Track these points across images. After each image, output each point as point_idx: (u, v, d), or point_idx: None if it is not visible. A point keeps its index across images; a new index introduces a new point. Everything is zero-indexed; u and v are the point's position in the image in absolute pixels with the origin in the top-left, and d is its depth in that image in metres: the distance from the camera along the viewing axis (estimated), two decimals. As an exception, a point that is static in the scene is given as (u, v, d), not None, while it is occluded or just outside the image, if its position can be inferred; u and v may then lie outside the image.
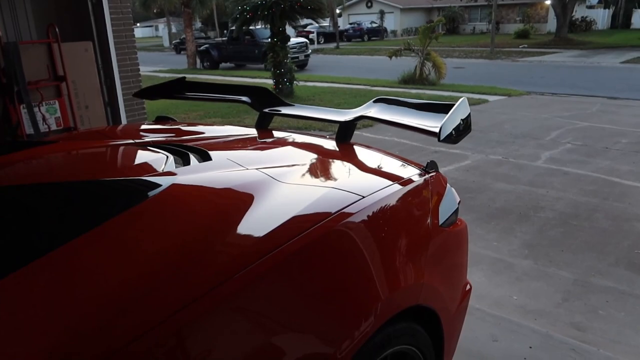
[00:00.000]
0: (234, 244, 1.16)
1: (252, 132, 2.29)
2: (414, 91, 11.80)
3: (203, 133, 2.29)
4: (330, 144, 2.09)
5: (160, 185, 1.33)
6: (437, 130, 1.59)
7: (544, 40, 28.83)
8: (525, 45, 26.72)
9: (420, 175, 1.69)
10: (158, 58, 27.32)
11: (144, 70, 18.21)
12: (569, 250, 3.53)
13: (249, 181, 1.48)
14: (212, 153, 1.70)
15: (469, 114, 1.74)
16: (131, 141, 2.06)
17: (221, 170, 1.55)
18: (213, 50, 21.02)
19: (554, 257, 3.43)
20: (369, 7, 43.25)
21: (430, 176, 1.71)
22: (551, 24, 33.52)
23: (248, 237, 1.18)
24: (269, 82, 11.77)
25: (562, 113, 9.02)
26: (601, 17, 37.73)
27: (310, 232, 1.20)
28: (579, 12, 34.15)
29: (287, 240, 1.15)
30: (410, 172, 1.70)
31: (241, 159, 1.70)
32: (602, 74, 15.46)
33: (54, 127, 4.72)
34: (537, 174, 5.40)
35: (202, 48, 21.55)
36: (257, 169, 1.57)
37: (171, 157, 1.61)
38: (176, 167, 1.53)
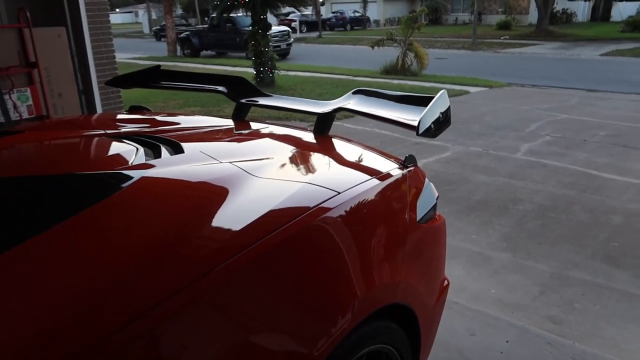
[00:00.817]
0: (201, 241, 1.11)
1: (229, 123, 2.23)
2: (395, 82, 11.78)
3: (177, 124, 2.22)
4: (307, 136, 2.05)
5: (128, 179, 1.28)
6: (415, 123, 1.55)
7: (525, 32, 29.04)
8: (507, 37, 26.89)
9: (399, 169, 1.65)
10: (138, 45, 26.81)
11: (123, 57, 17.91)
12: (546, 243, 3.56)
13: (221, 175, 1.43)
14: (184, 145, 1.64)
15: (449, 107, 1.70)
16: (101, 132, 1.99)
17: (193, 164, 1.50)
18: (194, 37, 20.70)
19: (532, 249, 3.45)
20: (352, -4, 42.97)
21: (409, 171, 1.67)
22: (532, 16, 33.76)
23: (217, 235, 1.13)
24: (249, 70, 11.63)
25: (542, 105, 9.10)
26: (581, 9, 38.11)
27: (284, 229, 1.16)
28: (560, 4, 34.45)
29: (259, 238, 1.11)
30: (388, 167, 1.66)
31: (215, 152, 1.65)
32: (582, 66, 15.64)
33: (25, 115, 4.57)
34: (517, 166, 5.43)
35: (182, 35, 21.20)
36: (230, 162, 1.52)
37: (142, 150, 1.55)
38: (146, 160, 1.47)
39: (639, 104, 9.31)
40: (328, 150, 1.87)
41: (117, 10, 53.68)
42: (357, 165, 1.72)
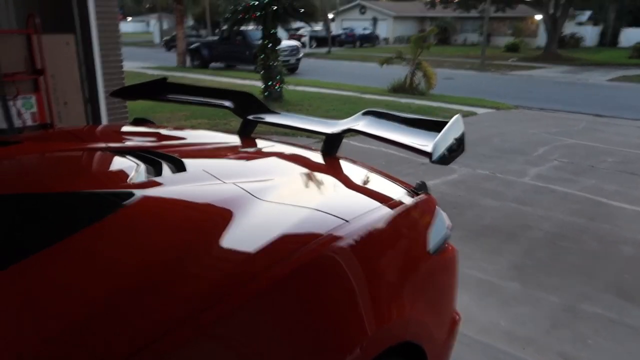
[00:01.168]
0: (197, 271, 1.02)
1: (234, 139, 2.16)
2: (403, 100, 11.74)
3: (180, 139, 2.15)
4: (315, 157, 1.97)
5: (126, 198, 1.21)
6: (429, 149, 1.47)
7: (533, 54, 29.12)
8: (515, 59, 26.94)
9: (410, 197, 1.57)
10: (147, 54, 26.99)
11: (133, 66, 18.00)
12: (557, 274, 3.44)
13: (223, 197, 1.36)
14: (187, 163, 1.57)
15: (463, 132, 1.62)
16: (102, 145, 1.92)
17: (195, 184, 1.42)
18: (204, 49, 20.80)
19: (542, 280, 3.33)
20: (362, 14, 43.37)
21: (420, 198, 1.59)
22: (541, 39, 33.89)
23: (212, 268, 1.05)
24: (258, 84, 11.63)
25: (550, 129, 9.02)
26: (590, 34, 38.25)
27: (287, 262, 1.07)
28: (568, 28, 34.59)
29: (258, 272, 1.03)
30: (399, 194, 1.57)
31: (218, 171, 1.57)
32: (589, 91, 15.59)
33: (29, 122, 4.52)
34: (524, 190, 5.33)
35: (192, 46, 21.31)
36: (234, 183, 1.44)
37: (142, 167, 1.48)
38: (146, 179, 1.40)
39: (647, 132, 9.23)
40: (336, 172, 1.79)
41: (129, 19, 54.23)
42: (366, 191, 1.64)
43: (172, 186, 1.39)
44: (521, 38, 34.58)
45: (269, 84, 10.80)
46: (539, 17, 31.86)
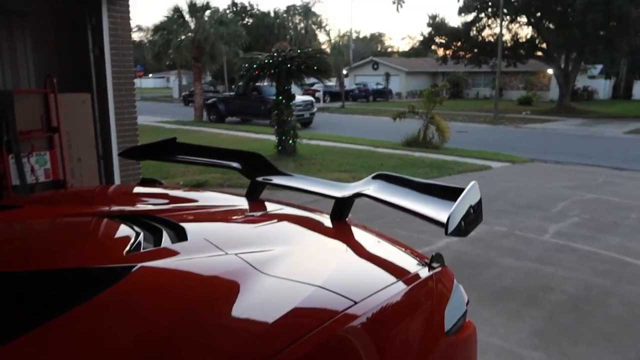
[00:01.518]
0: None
1: (241, 202, 2.10)
2: (417, 154, 11.73)
3: (186, 201, 2.10)
4: (324, 221, 1.90)
5: (121, 274, 1.14)
6: (444, 219, 1.38)
7: (546, 108, 29.26)
8: (528, 112, 27.08)
9: (425, 269, 1.46)
10: (166, 109, 27.74)
11: (151, 120, 18.45)
12: (583, 341, 3.23)
13: (223, 271, 1.29)
14: (189, 230, 1.50)
15: (480, 200, 1.52)
16: (104, 208, 1.88)
17: (195, 255, 1.35)
18: (220, 104, 21.33)
19: (567, 349, 3.12)
20: (375, 69, 44.42)
21: (436, 272, 1.48)
22: (553, 92, 34.17)
23: (205, 349, 0.96)
24: (272, 138, 11.75)
25: (567, 183, 8.86)
26: (602, 87, 38.55)
27: (286, 352, 0.97)
28: (580, 81, 34.91)
29: None
30: (413, 267, 1.47)
31: (221, 240, 1.49)
32: (606, 144, 15.47)
33: (42, 178, 4.55)
34: (545, 249, 5.14)
35: (209, 101, 21.89)
36: (236, 254, 1.36)
37: (141, 235, 1.41)
38: (144, 249, 1.33)
39: (669, 186, 9.01)
40: (345, 240, 1.70)
41: (150, 75, 56.28)
42: (378, 263, 1.54)
43: (171, 258, 1.32)
44: (534, 91, 34.96)
45: (283, 138, 10.90)
46: (550, 71, 32.26)
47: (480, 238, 5.39)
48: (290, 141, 10.90)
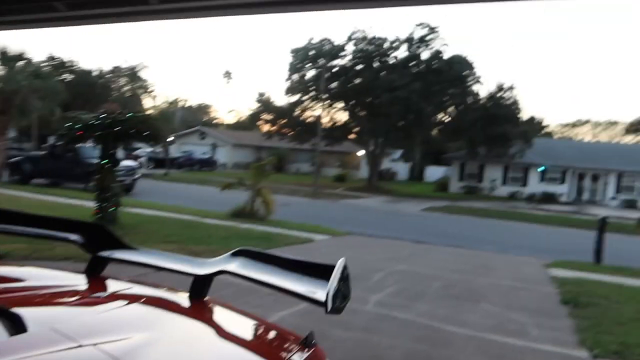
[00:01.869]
0: None
1: (80, 280, 1.85)
2: (244, 226, 11.79)
3: (9, 281, 1.77)
4: (182, 301, 1.77)
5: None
6: (322, 298, 1.41)
7: (358, 185, 32.44)
8: (343, 189, 29.64)
9: (299, 351, 1.45)
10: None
11: None
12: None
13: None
14: (27, 318, 1.26)
15: (348, 275, 1.60)
16: None
17: (43, 350, 1.13)
18: (26, 163, 18.92)
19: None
20: (202, 139, 44.43)
21: (310, 353, 1.48)
22: (363, 171, 38.22)
23: None
24: (88, 204, 10.72)
25: (380, 255, 9.76)
26: (402, 169, 44.46)
27: None
28: (385, 163, 39.76)
29: None
30: (286, 348, 1.45)
31: (71, 328, 1.29)
32: (408, 219, 17.62)
33: None
34: (369, 319, 5.50)
35: (13, 160, 19.29)
36: (94, 344, 1.18)
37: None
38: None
39: (459, 257, 10.52)
40: (211, 324, 1.61)
41: None
42: (250, 347, 1.47)
43: (12, 356, 1.09)
44: (347, 170, 38.57)
45: (104, 204, 10.03)
46: (361, 152, 36.16)
47: (311, 311, 5.51)
48: (112, 208, 10.07)
